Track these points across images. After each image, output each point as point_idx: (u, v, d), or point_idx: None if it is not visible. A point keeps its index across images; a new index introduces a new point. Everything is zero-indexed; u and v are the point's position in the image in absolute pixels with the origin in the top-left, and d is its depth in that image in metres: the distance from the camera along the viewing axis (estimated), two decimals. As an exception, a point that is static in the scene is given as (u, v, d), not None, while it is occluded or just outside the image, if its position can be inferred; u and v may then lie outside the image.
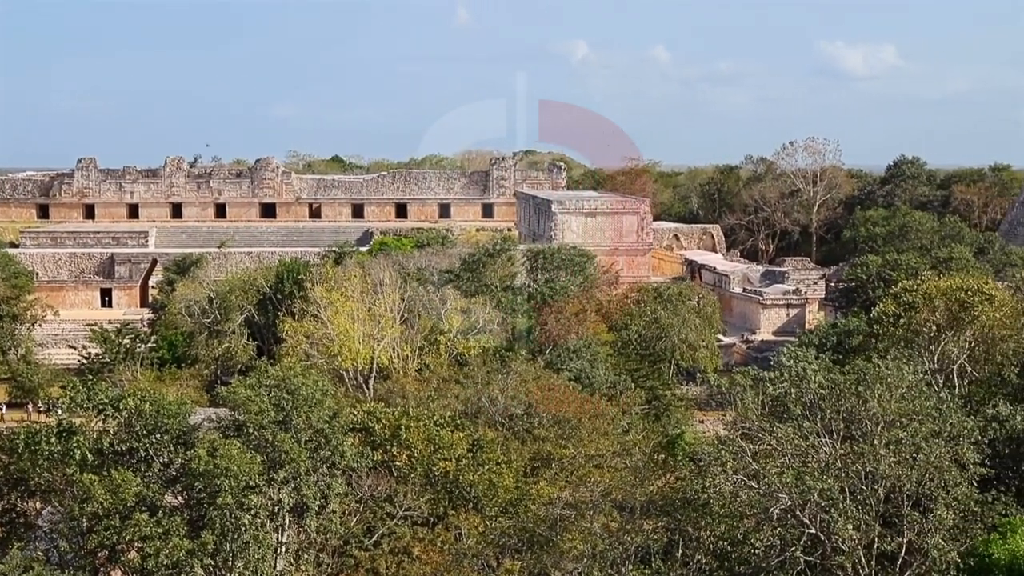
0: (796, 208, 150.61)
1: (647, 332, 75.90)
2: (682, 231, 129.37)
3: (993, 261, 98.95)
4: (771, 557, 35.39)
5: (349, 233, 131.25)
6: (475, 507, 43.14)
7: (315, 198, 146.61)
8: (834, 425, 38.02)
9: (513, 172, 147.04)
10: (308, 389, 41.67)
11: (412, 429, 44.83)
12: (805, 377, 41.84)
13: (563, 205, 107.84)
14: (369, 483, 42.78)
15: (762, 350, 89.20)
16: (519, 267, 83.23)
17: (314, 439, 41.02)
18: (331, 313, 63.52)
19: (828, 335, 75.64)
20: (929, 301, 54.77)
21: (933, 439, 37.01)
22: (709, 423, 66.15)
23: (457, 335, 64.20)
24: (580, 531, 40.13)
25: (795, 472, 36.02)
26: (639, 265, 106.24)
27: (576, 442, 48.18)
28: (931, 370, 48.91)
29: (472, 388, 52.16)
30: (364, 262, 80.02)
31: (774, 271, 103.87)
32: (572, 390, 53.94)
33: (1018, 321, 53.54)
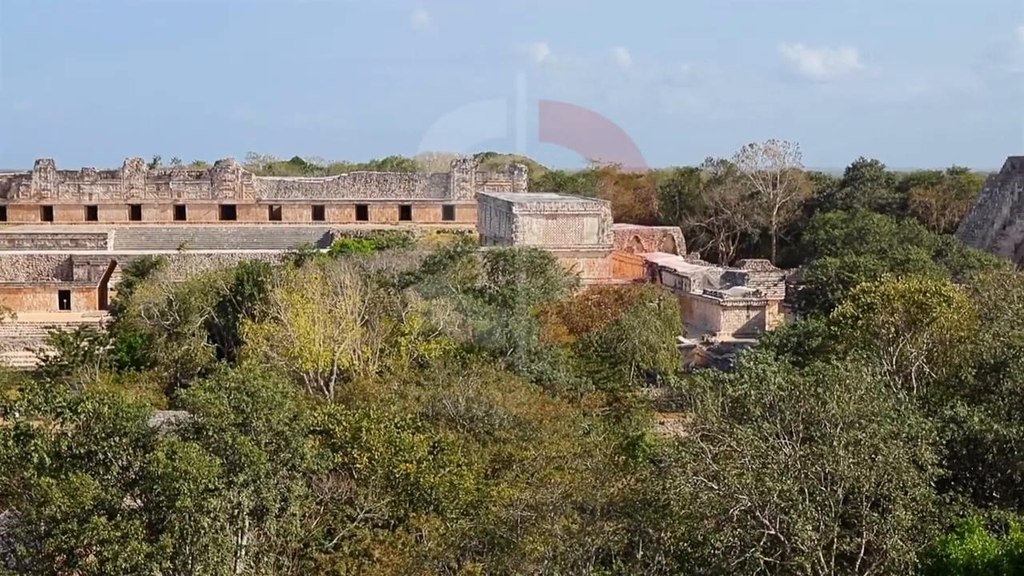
0: (756, 210, 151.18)
1: (608, 334, 76.03)
2: (643, 233, 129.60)
3: (951, 263, 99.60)
4: (731, 558, 35.50)
5: (310, 235, 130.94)
6: (436, 509, 43.12)
7: (275, 200, 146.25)
8: (793, 426, 38.18)
9: (474, 174, 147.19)
10: (268, 391, 41.53)
11: (373, 431, 44.79)
12: (765, 379, 42.04)
13: (524, 207, 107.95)
14: (329, 485, 42.68)
15: (722, 352, 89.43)
16: (480, 269, 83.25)
17: (274, 441, 40.88)
18: (291, 315, 63.36)
19: (788, 337, 75.94)
20: (888, 303, 55.06)
21: (891, 440, 37.22)
22: (669, 425, 66.24)
23: (418, 337, 64.13)
24: (541, 533, 40.13)
25: (755, 473, 36.15)
26: (600, 267, 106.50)
27: (537, 444, 48.23)
28: (889, 371, 49.17)
29: (433, 390, 52.14)
30: (325, 264, 79.83)
31: (734, 273, 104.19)
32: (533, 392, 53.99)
33: (975, 323, 53.91)
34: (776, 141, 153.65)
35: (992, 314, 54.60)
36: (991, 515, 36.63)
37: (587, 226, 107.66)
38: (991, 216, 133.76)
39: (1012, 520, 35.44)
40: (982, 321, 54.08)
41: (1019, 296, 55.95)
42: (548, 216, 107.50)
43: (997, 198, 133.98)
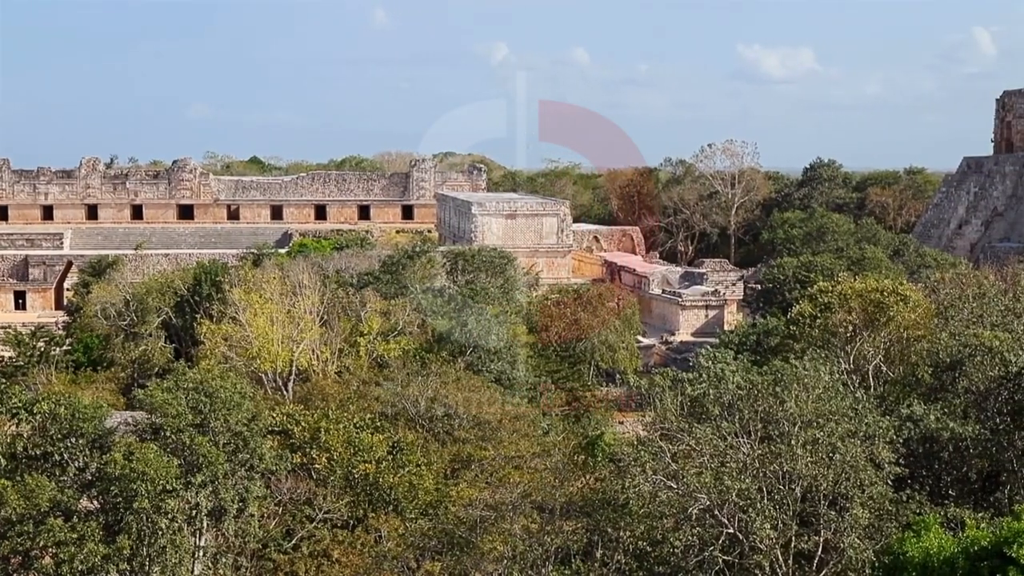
0: (715, 210, 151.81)
1: (567, 333, 76.12)
2: (602, 233, 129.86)
3: (908, 263, 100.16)
4: (690, 557, 35.56)
5: (268, 235, 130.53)
6: (395, 509, 43.06)
7: (233, 199, 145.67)
8: (752, 425, 38.28)
9: (433, 174, 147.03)
10: (226, 392, 41.33)
11: (332, 431, 44.69)
12: (723, 378, 42.13)
13: (483, 207, 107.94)
14: (288, 486, 42.56)
15: (681, 351, 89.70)
16: (439, 269, 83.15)
17: (232, 442, 40.69)
18: (250, 315, 63.09)
19: (746, 336, 76.22)
20: (845, 302, 55.30)
21: (849, 439, 37.37)
22: (629, 424, 66.34)
23: (377, 337, 63.99)
24: (500, 532, 40.12)
25: (713, 472, 36.22)
26: (559, 267, 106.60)
27: (496, 443, 48.24)
28: (847, 370, 49.38)
29: (392, 390, 52.05)
30: (283, 264, 79.58)
31: (693, 273, 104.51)
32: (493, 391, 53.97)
33: (932, 322, 54.22)
34: (734, 141, 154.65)
35: (948, 313, 54.94)
36: (947, 513, 36.82)
37: (546, 226, 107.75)
38: (947, 216, 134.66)
39: (968, 518, 35.62)
40: (938, 320, 54.40)
41: (974, 295, 56.31)
42: (507, 216, 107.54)
43: (953, 198, 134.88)
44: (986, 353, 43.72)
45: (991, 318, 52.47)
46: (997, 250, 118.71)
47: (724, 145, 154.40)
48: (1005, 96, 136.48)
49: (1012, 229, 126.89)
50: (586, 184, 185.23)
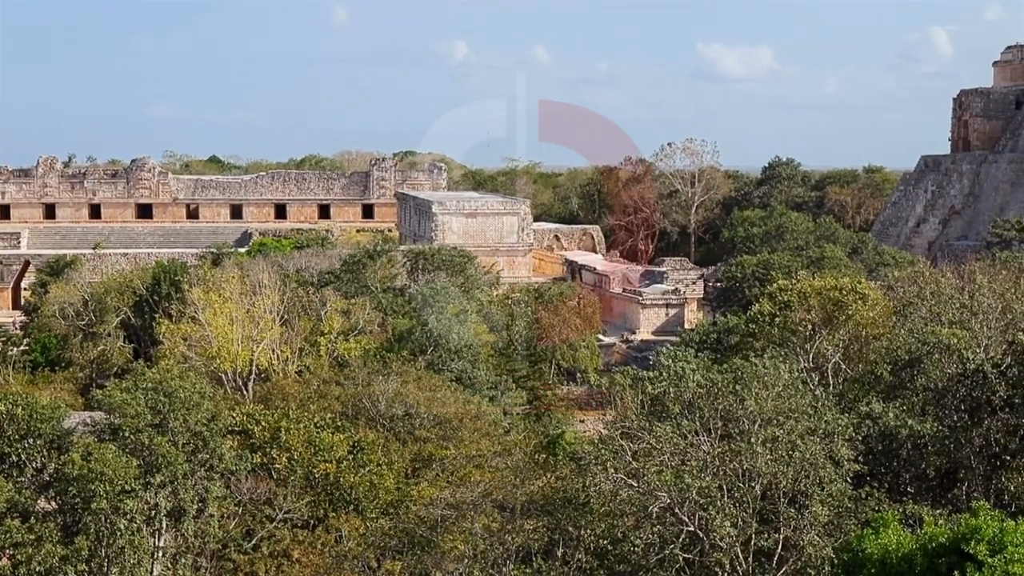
0: (675, 209, 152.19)
1: (528, 332, 76.17)
2: (562, 232, 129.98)
3: (866, 261, 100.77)
4: (650, 555, 35.64)
5: (227, 234, 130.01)
6: (356, 509, 42.98)
7: (193, 199, 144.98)
8: (712, 423, 38.39)
9: (393, 173, 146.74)
10: (185, 392, 41.16)
11: (292, 431, 44.55)
12: (684, 376, 42.23)
13: (444, 206, 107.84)
14: (248, 486, 42.41)
15: (642, 350, 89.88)
16: (399, 268, 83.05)
17: (192, 442, 40.52)
18: (209, 315, 62.83)
19: (707, 334, 76.47)
20: (804, 300, 55.55)
21: (808, 436, 37.52)
22: (590, 422, 66.53)
23: (337, 336, 63.85)
24: (461, 531, 40.11)
25: (674, 470, 36.31)
26: (520, 265, 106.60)
27: (457, 442, 48.22)
28: (806, 368, 49.60)
29: (353, 389, 51.95)
30: (243, 263, 79.31)
31: (653, 271, 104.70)
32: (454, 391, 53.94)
33: (890, 320, 54.52)
34: (694, 140, 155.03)
35: (906, 311, 55.25)
36: (905, 510, 37.02)
37: (507, 225, 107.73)
38: (905, 214, 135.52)
39: (926, 514, 35.82)
40: (897, 318, 54.72)
41: (932, 293, 56.64)
42: (468, 215, 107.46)
43: (911, 197, 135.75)
44: (944, 351, 43.99)
45: (948, 316, 52.79)
46: (954, 248, 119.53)
47: (684, 144, 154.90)
48: (962, 95, 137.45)
49: (969, 227, 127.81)
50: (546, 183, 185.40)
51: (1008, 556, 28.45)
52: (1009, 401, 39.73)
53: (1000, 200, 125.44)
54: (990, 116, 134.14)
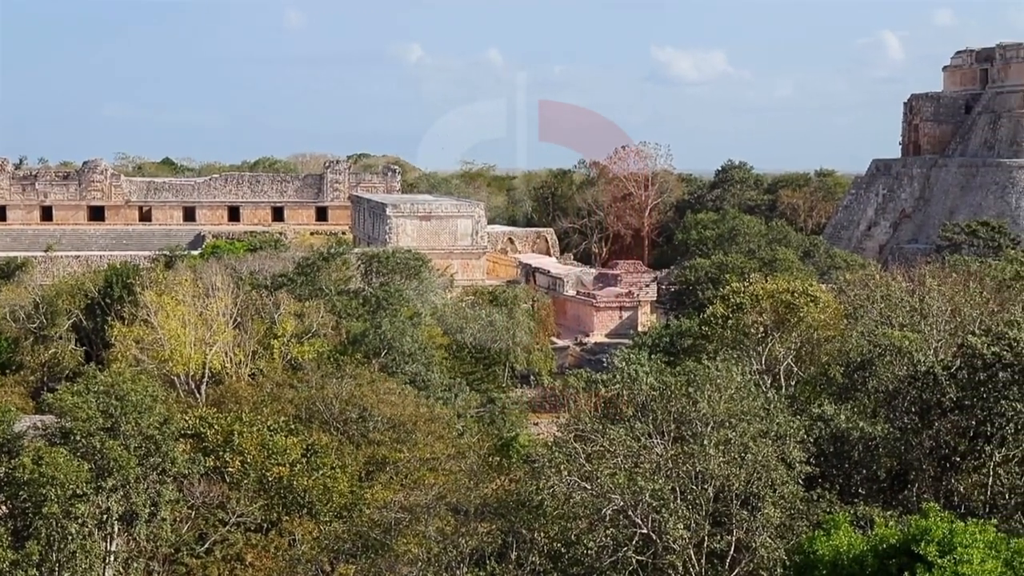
0: (628, 212, 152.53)
1: (482, 335, 76.18)
2: (516, 235, 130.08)
3: (818, 264, 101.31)
4: (604, 557, 35.71)
5: (180, 236, 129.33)
6: (309, 512, 42.90)
7: (145, 201, 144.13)
8: (665, 426, 38.53)
9: (347, 175, 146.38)
10: (137, 395, 40.97)
11: (245, 434, 44.44)
12: (637, 379, 42.47)
13: (398, 208, 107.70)
14: (201, 489, 42.26)
15: (595, 352, 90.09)
16: (353, 271, 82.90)
17: (144, 445, 40.34)
18: (162, 317, 62.52)
19: (660, 337, 76.70)
20: (757, 303, 55.82)
21: (761, 439, 37.72)
22: (543, 425, 66.59)
23: (291, 339, 63.67)
24: (415, 534, 40.10)
25: (627, 473, 36.41)
26: (474, 268, 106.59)
27: (411, 445, 48.19)
28: (759, 371, 49.87)
29: (306, 392, 51.82)
30: (196, 266, 78.96)
31: (607, 274, 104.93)
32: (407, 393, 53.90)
33: (842, 322, 54.88)
34: (647, 143, 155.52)
35: (857, 313, 55.64)
36: (857, 511, 37.27)
37: (461, 228, 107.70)
38: (857, 218, 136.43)
39: (877, 516, 36.10)
40: (848, 320, 55.09)
41: (883, 296, 57.06)
42: (422, 218, 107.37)
43: (862, 200, 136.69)
44: (895, 353, 44.34)
45: (899, 319, 53.21)
46: (905, 251, 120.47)
47: (637, 147, 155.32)
48: (912, 99, 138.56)
49: (919, 231, 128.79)
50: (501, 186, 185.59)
51: (957, 557, 28.72)
52: (959, 403, 40.09)
53: (950, 204, 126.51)
54: (940, 120, 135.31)
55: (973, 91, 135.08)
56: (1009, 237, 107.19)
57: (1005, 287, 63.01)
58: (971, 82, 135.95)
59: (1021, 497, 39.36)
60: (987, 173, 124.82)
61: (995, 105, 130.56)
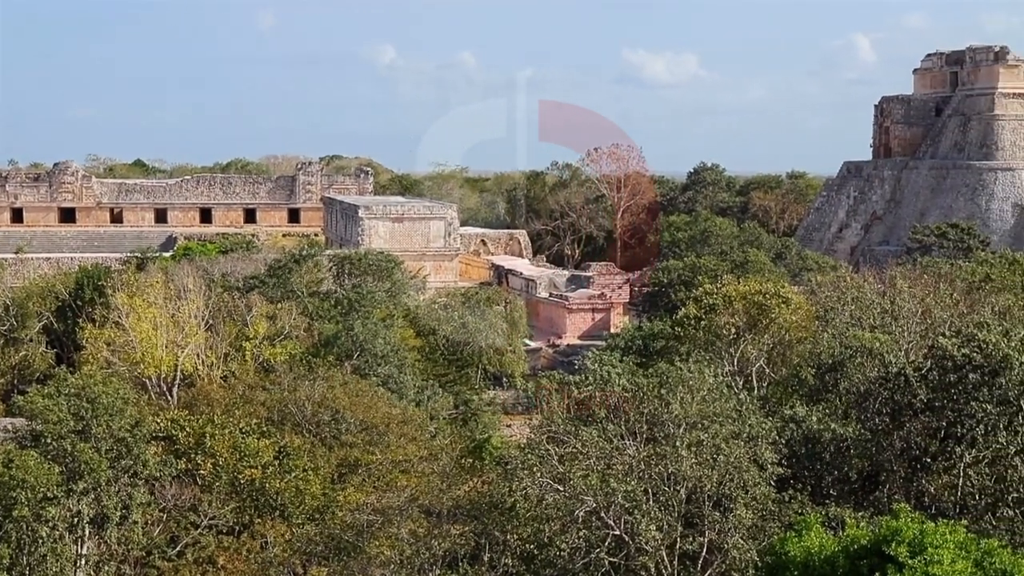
0: (601, 214, 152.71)
1: (455, 337, 76.14)
2: (489, 236, 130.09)
3: (790, 265, 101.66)
4: (576, 559, 35.74)
5: (152, 238, 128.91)
6: (281, 515, 42.81)
7: (117, 203, 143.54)
8: (637, 427, 38.58)
9: (320, 177, 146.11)
10: (109, 397, 40.84)
11: (217, 437, 44.32)
12: (609, 380, 42.45)
13: (370, 210, 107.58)
14: (173, 492, 42.13)
15: (568, 354, 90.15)
16: (325, 272, 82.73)
17: (115, 448, 40.21)
18: (133, 320, 62.28)
19: (632, 339, 76.78)
20: (729, 305, 55.95)
21: (733, 440, 37.81)
22: (516, 427, 66.59)
23: (263, 341, 63.52)
24: (387, 537, 40.06)
25: (600, 475, 36.45)
26: (446, 270, 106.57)
27: (384, 448, 48.12)
28: (731, 372, 50.01)
29: (278, 394, 51.70)
30: (167, 268, 78.69)
31: (579, 276, 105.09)
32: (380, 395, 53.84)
33: (813, 324, 55.07)
34: (620, 145, 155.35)
35: (829, 315, 55.83)
36: (828, 512, 37.38)
37: (433, 229, 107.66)
38: (828, 220, 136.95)
39: (848, 517, 36.21)
40: (819, 322, 55.28)
41: (854, 298, 57.28)
42: (394, 219, 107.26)
43: (834, 202, 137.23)
44: (866, 354, 44.52)
45: (870, 320, 53.45)
46: (876, 253, 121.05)
47: (610, 149, 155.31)
48: (883, 102, 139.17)
49: (890, 232, 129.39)
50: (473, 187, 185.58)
51: (928, 557, 28.84)
52: (929, 404, 40.26)
53: (920, 206, 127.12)
54: (911, 123, 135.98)
55: (943, 94, 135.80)
56: (979, 239, 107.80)
57: (975, 289, 63.36)
58: (941, 85, 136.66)
59: (991, 498, 39.57)
60: (957, 175, 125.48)
61: (965, 108, 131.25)
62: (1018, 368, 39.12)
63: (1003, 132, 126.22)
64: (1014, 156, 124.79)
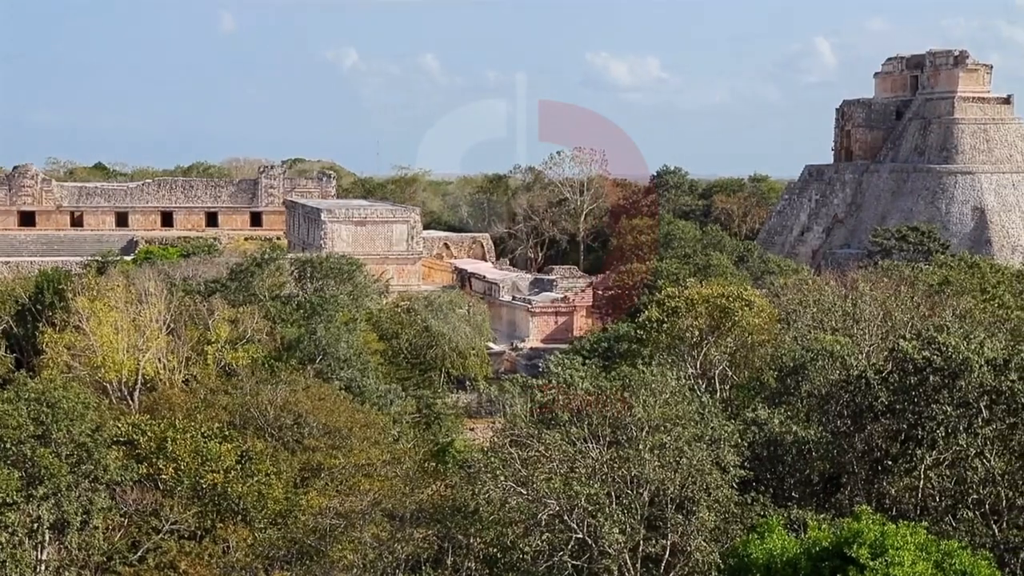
0: (564, 217, 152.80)
1: (417, 341, 76.03)
2: (452, 240, 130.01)
3: (752, 269, 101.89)
4: (540, 562, 35.79)
5: (113, 242, 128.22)
6: (244, 519, 42.65)
7: (77, 206, 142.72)
8: (600, 431, 38.64)
9: (282, 180, 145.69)
10: (69, 402, 40.60)
11: (179, 441, 44.10)
12: (572, 384, 42.51)
13: (332, 214, 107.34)
14: (134, 497, 41.90)
15: (531, 357, 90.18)
16: (288, 276, 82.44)
17: (76, 453, 39.98)
18: (94, 324, 61.90)
19: (596, 342, 76.85)
20: (692, 308, 56.11)
21: (695, 443, 37.94)
22: (479, 431, 66.62)
23: (225, 345, 63.24)
24: (350, 541, 40.01)
25: (563, 478, 36.50)
26: (409, 274, 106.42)
27: (346, 451, 48.00)
28: (694, 375, 50.17)
29: (241, 399, 51.51)
30: (129, 271, 78.24)
31: (543, 279, 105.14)
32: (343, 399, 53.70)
33: (775, 327, 55.30)
34: (583, 148, 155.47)
35: (791, 318, 56.09)
36: (790, 515, 37.56)
37: (396, 233, 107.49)
38: (790, 223, 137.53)
39: (810, 519, 36.38)
40: (782, 325, 55.52)
41: (816, 301, 57.55)
42: (357, 223, 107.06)
43: (796, 205, 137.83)
44: (827, 357, 44.75)
45: (832, 323, 53.72)
46: (837, 256, 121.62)
47: (573, 152, 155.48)
48: (844, 105, 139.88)
49: (852, 236, 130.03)
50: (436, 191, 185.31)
51: (889, 559, 29.02)
52: (890, 407, 40.48)
53: (881, 209, 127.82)
54: (872, 126, 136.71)
55: (904, 97, 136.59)
56: (939, 242, 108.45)
57: (935, 292, 63.75)
58: (902, 88, 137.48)
59: (951, 499, 39.83)
60: (918, 179, 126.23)
61: (925, 111, 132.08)
62: (978, 371, 39.39)
63: (963, 136, 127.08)
64: (974, 160, 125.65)
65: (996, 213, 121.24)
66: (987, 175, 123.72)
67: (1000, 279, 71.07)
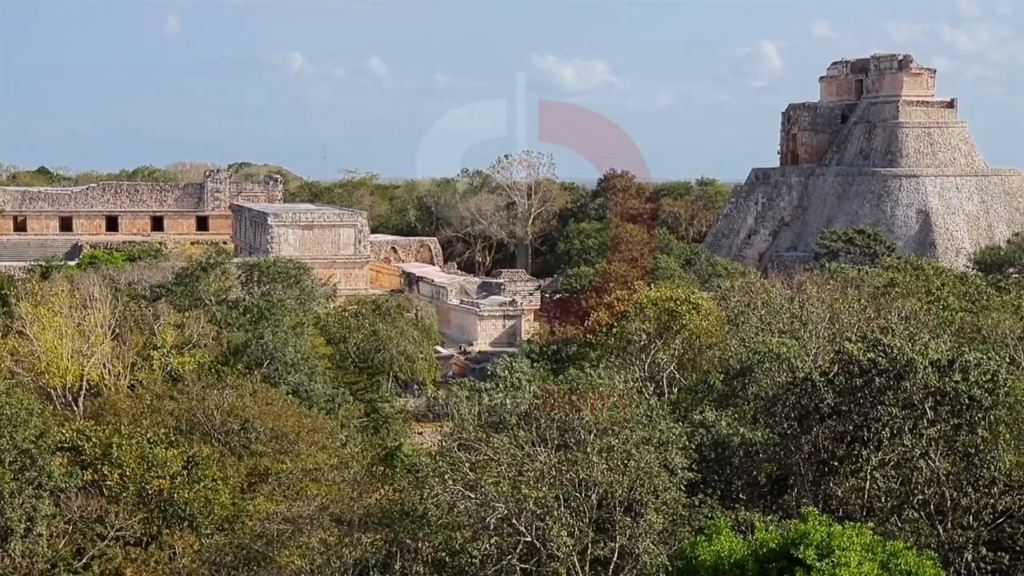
0: (512, 220, 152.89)
1: (365, 345, 75.83)
2: (400, 243, 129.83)
3: (700, 272, 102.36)
4: (488, 566, 35.72)
5: (57, 247, 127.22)
6: (190, 525, 42.41)
7: (20, 211, 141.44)
8: (549, 434, 38.63)
9: (228, 184, 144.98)
10: (12, 408, 40.25)
11: (124, 447, 43.81)
12: (520, 387, 42.52)
13: (279, 218, 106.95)
14: (79, 503, 41.59)
15: (479, 361, 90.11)
16: (234, 280, 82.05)
17: (19, 460, 39.63)
18: (38, 329, 61.38)
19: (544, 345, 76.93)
20: (640, 311, 56.26)
21: (643, 445, 37.99)
22: (428, 434, 66.50)
23: (171, 350, 62.84)
24: (298, 546, 39.82)
25: (511, 481, 36.46)
26: (357, 278, 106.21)
27: (294, 456, 47.83)
28: (642, 378, 50.25)
29: (187, 404, 51.21)
30: (73, 276, 77.68)
31: (490, 283, 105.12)
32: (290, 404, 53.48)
33: (723, 329, 55.52)
34: (531, 152, 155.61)
35: (738, 321, 56.32)
36: (738, 516, 37.67)
37: (344, 236, 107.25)
38: (737, 226, 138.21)
39: (757, 521, 36.50)
40: (729, 328, 55.75)
41: (763, 303, 57.84)
42: (304, 227, 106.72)
43: (742, 209, 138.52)
44: (774, 360, 44.95)
45: (779, 325, 53.97)
46: (784, 259, 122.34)
47: (521, 156, 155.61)
48: (790, 109, 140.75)
49: (798, 238, 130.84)
50: (383, 195, 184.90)
51: (835, 560, 29.15)
52: (836, 409, 40.68)
53: (827, 212, 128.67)
54: (817, 130, 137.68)
55: (849, 101, 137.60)
56: (884, 245, 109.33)
57: (881, 294, 64.24)
58: (847, 92, 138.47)
59: (896, 500, 40.10)
60: (863, 182, 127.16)
61: (870, 115, 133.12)
62: (922, 372, 39.66)
63: (907, 139, 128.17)
64: (918, 163, 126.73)
65: (940, 216, 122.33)
66: (931, 178, 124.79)
67: (944, 281, 71.70)
